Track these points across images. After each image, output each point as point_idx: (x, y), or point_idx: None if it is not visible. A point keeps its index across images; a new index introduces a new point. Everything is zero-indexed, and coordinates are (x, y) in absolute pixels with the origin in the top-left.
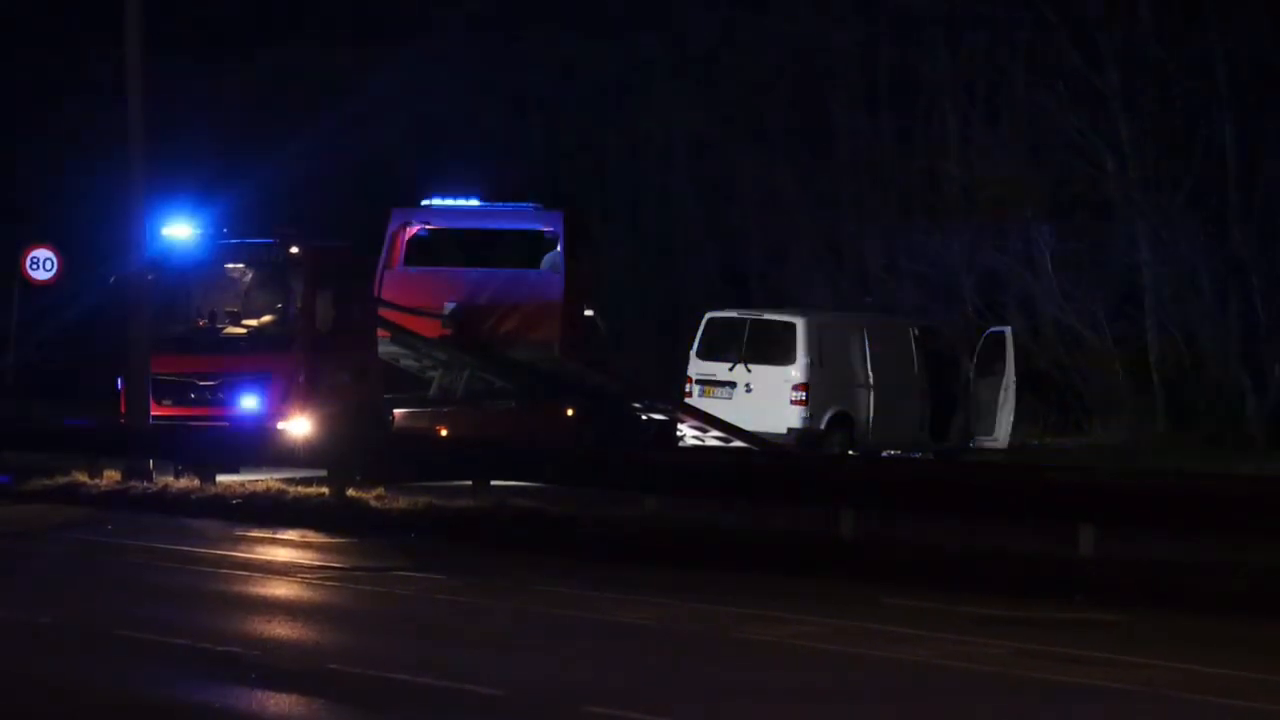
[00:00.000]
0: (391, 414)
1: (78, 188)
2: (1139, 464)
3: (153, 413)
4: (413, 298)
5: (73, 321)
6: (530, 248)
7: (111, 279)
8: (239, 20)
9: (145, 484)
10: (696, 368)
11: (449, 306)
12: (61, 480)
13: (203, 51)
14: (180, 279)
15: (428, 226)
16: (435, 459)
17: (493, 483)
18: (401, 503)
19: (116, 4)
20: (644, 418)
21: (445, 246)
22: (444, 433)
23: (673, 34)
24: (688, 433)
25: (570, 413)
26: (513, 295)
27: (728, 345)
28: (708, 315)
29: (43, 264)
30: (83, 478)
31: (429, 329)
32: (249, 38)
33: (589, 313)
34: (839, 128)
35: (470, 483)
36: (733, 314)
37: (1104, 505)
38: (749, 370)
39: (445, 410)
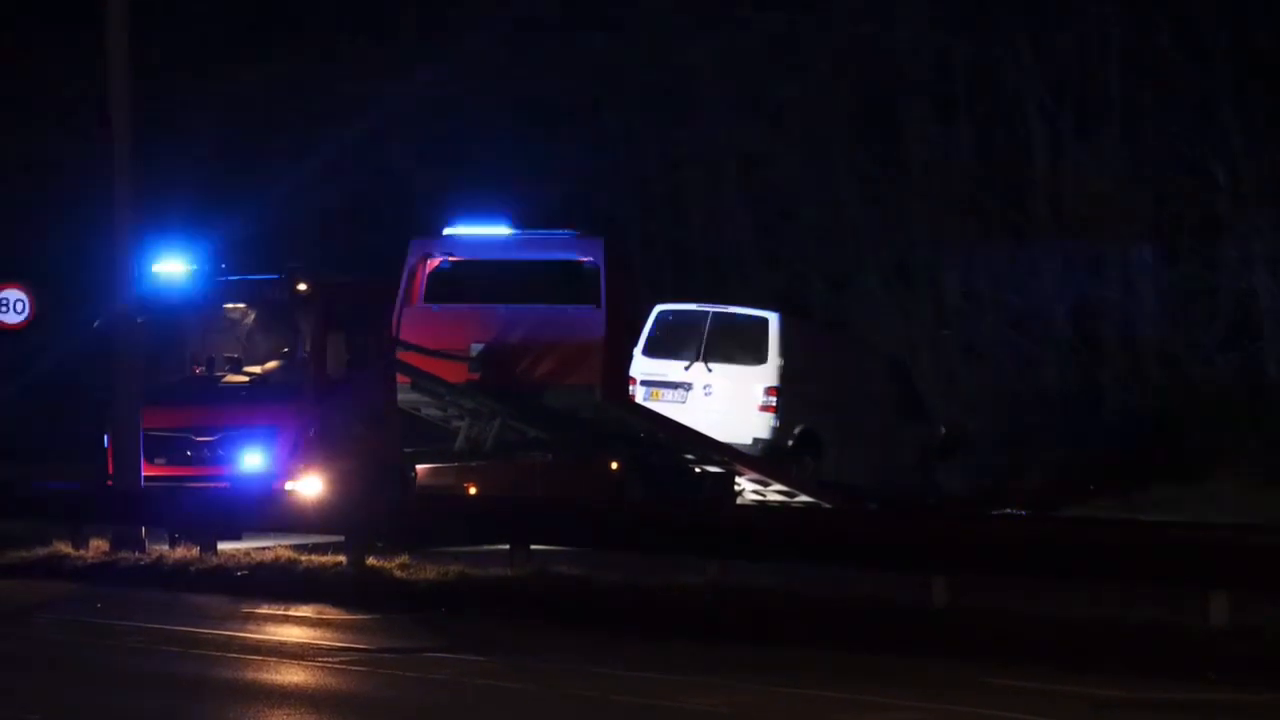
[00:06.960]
0: (414, 470)
1: (52, 221)
2: (1266, 520)
3: (144, 473)
4: (435, 338)
5: (51, 371)
6: (566, 279)
7: (95, 323)
8: (234, 34)
9: (137, 554)
10: (642, 366)
11: (476, 347)
12: (41, 552)
13: (195, 66)
14: (173, 321)
15: (451, 258)
16: (465, 521)
17: (532, 547)
18: (429, 572)
19: (95, 20)
20: (697, 470)
21: (471, 280)
22: (473, 490)
23: (723, 34)
24: (747, 487)
25: (615, 466)
26: (548, 333)
27: (683, 342)
28: (658, 308)
29: (13, 306)
30: (65, 548)
31: (454, 373)
32: (245, 51)
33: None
34: (909, 138)
35: (506, 548)
36: (690, 306)
37: (1238, 568)
38: (710, 370)
39: (474, 465)
